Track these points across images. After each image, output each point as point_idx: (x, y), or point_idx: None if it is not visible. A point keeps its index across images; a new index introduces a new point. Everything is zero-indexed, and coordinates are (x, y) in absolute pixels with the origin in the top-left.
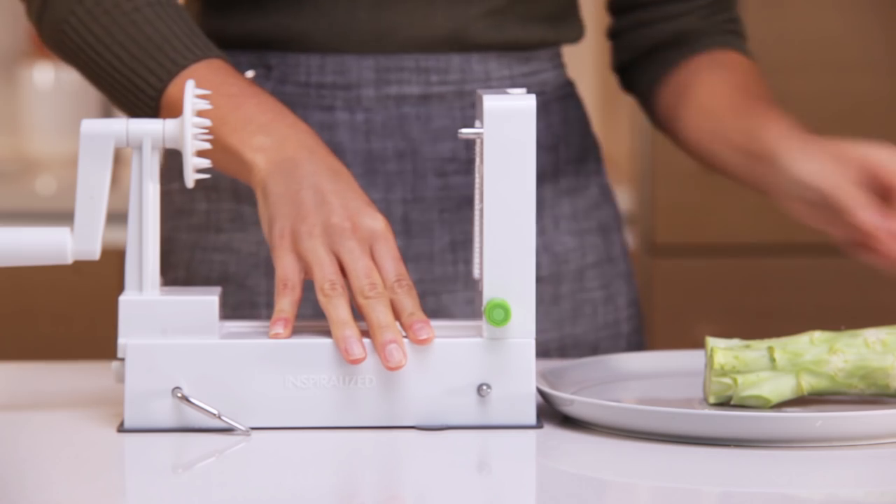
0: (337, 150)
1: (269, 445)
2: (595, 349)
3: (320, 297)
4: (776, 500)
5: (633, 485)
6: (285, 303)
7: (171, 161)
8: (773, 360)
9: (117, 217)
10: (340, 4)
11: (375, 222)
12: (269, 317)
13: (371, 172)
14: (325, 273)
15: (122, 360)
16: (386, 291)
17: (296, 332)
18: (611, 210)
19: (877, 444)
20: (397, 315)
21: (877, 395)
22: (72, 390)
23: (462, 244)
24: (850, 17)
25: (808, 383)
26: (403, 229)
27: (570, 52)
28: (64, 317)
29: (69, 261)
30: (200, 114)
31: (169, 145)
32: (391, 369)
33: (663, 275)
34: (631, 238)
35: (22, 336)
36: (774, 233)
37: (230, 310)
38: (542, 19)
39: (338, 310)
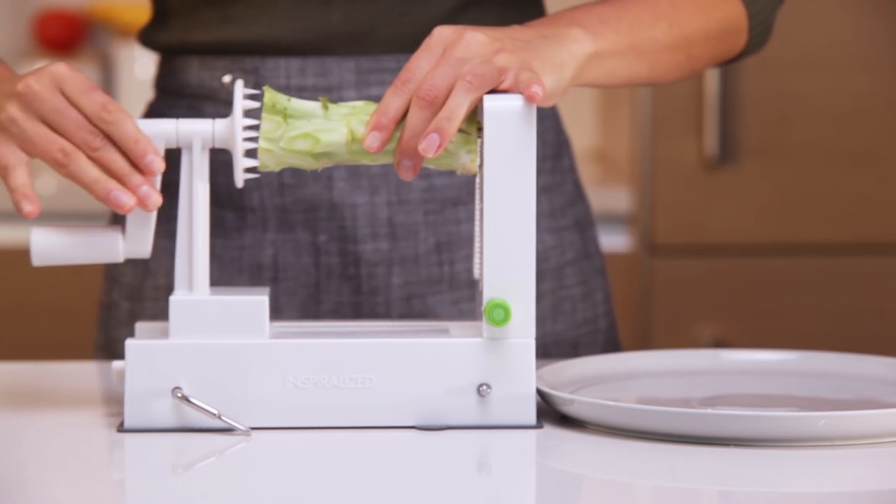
0: None
1: (269, 445)
2: (575, 346)
3: (60, 171)
4: (776, 500)
5: (633, 485)
6: (18, 177)
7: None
8: (325, 108)
9: (111, 217)
10: (313, 7)
11: (50, 68)
12: None
13: (355, 175)
14: (48, 145)
15: (122, 360)
16: (102, 137)
17: (296, 332)
18: (584, 206)
19: (877, 443)
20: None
21: None
22: (72, 390)
23: (447, 245)
24: (850, 17)
25: (359, 131)
26: (388, 232)
27: None
28: (64, 317)
29: (121, 259)
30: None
31: (219, 145)
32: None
33: (663, 275)
34: (631, 238)
35: (22, 336)
36: (774, 233)
37: None
38: (513, 6)
39: (86, 171)
